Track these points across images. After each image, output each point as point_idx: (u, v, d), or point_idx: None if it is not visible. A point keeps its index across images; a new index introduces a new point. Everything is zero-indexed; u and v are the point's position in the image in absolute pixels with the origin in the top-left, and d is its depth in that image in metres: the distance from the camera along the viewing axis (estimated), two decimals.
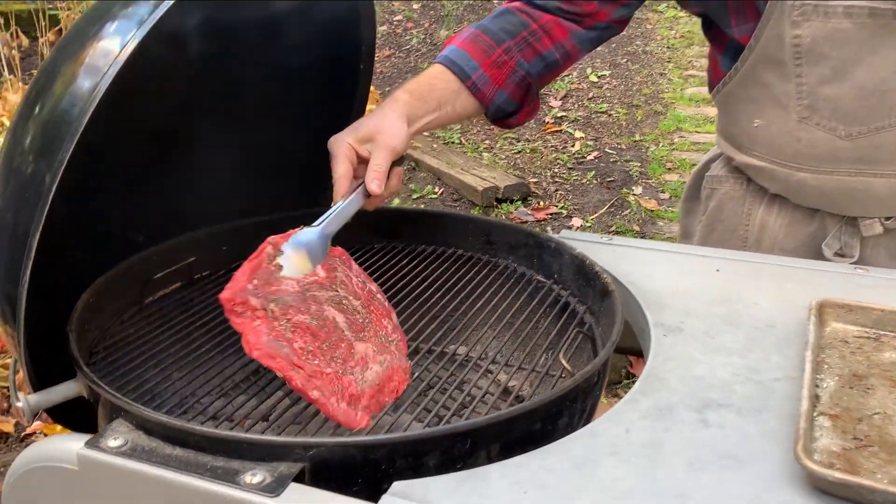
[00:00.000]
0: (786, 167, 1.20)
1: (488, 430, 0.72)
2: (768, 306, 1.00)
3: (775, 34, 1.10)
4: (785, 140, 1.17)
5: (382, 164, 1.04)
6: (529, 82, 1.23)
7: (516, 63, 1.20)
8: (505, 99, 1.22)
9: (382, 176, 1.05)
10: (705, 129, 4.65)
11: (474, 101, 1.20)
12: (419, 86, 1.16)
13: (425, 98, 1.14)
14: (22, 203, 0.77)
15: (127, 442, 0.73)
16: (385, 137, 1.05)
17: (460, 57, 1.19)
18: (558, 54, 1.23)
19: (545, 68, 1.24)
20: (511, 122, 1.27)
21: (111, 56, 0.80)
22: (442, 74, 1.19)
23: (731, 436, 0.74)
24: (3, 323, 0.85)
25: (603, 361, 0.83)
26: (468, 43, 1.20)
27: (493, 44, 1.20)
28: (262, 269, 0.91)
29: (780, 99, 1.15)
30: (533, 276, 1.15)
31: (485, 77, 1.19)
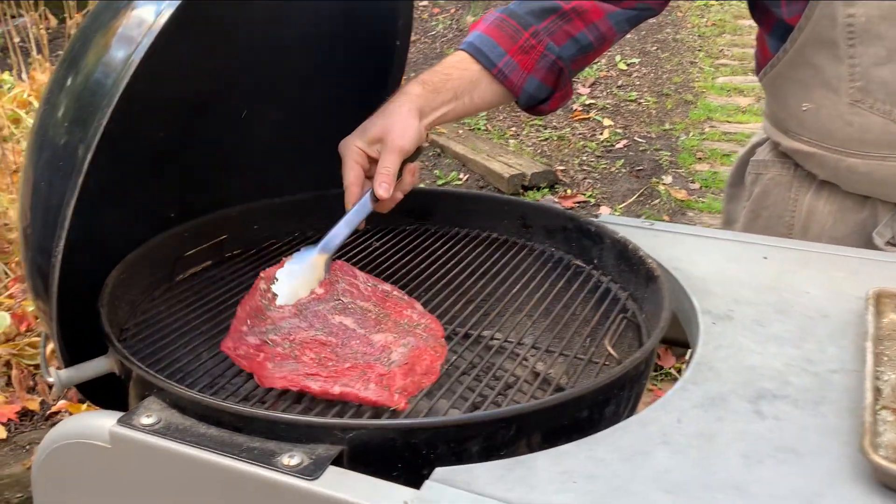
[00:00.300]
0: (835, 153, 1.15)
1: (534, 416, 0.69)
2: (819, 295, 0.96)
3: (827, 13, 1.06)
4: (835, 124, 1.13)
5: (391, 167, 1.02)
6: (561, 66, 1.17)
7: (545, 47, 1.15)
8: (536, 85, 1.17)
9: (391, 179, 1.02)
10: (736, 118, 4.57)
11: (501, 90, 1.15)
12: (433, 76, 1.11)
13: (439, 89, 1.09)
14: (56, 173, 0.75)
15: (160, 420, 0.70)
16: (394, 138, 1.02)
17: (485, 43, 1.14)
18: (592, 37, 1.17)
19: (579, 51, 1.18)
20: (543, 108, 1.22)
21: (145, 25, 0.77)
22: (460, 63, 1.14)
23: (787, 428, 0.71)
24: (35, 297, 0.83)
25: (652, 348, 0.80)
26: (493, 28, 1.15)
27: (520, 28, 1.15)
28: (256, 307, 0.90)
29: (831, 81, 1.10)
30: (571, 261, 1.12)
31: (512, 63, 1.14)
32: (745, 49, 5.68)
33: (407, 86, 1.09)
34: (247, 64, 1.08)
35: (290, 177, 1.20)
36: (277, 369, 0.80)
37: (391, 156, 1.02)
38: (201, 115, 1.08)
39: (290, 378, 0.78)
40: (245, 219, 1.16)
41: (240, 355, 0.82)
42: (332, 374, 0.80)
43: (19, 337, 2.28)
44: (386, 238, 1.22)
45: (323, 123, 1.23)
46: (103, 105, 0.75)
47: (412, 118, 1.04)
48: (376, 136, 1.03)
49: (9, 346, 2.24)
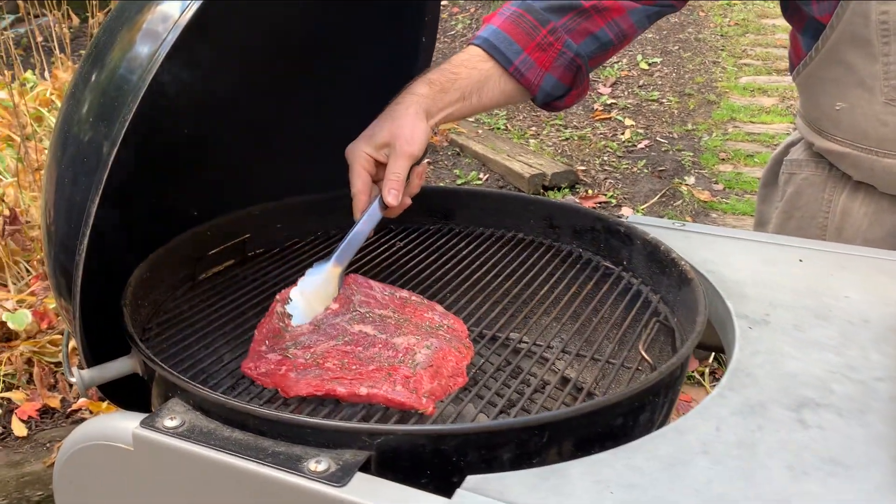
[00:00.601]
0: (871, 153, 1.12)
1: (567, 423, 0.67)
2: (860, 300, 0.92)
3: (860, 11, 1.03)
4: (870, 124, 1.10)
5: (400, 173, 0.99)
6: (579, 64, 1.14)
7: (563, 44, 1.11)
8: (553, 83, 1.13)
9: (400, 185, 1.00)
10: (760, 119, 4.51)
11: (514, 87, 1.11)
12: (441, 75, 1.07)
13: (447, 89, 1.06)
14: (80, 170, 0.74)
15: (184, 423, 0.69)
16: (402, 143, 0.99)
17: (501, 39, 1.10)
18: (612, 33, 1.14)
19: (598, 49, 1.14)
20: (558, 104, 1.19)
21: (171, 21, 0.76)
22: (470, 61, 1.09)
23: (833, 438, 0.68)
24: (58, 296, 0.82)
25: (688, 353, 0.77)
26: (509, 23, 1.11)
27: (538, 24, 1.10)
28: (273, 328, 0.90)
29: (866, 80, 1.07)
30: (600, 263, 1.10)
31: (529, 61, 1.10)
32: (769, 49, 5.61)
33: (413, 85, 1.05)
34: (272, 63, 1.07)
35: (313, 175, 1.19)
36: (301, 377, 0.78)
37: (400, 161, 0.99)
38: (226, 113, 1.07)
39: (314, 383, 0.77)
40: (268, 218, 1.15)
41: (261, 374, 0.81)
42: (357, 376, 0.79)
43: (40, 334, 2.29)
44: (409, 238, 1.20)
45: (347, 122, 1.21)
46: (128, 101, 0.73)
47: (420, 120, 1.01)
48: (384, 140, 1.00)
49: (30, 344, 2.24)
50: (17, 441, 2.05)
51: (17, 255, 2.48)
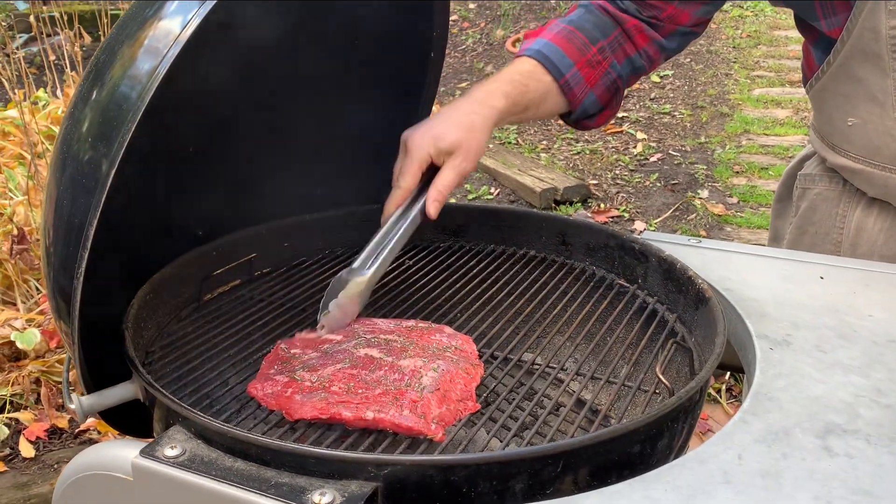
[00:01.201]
0: (885, 170, 1.09)
1: (583, 452, 0.64)
2: (884, 318, 0.89)
3: (870, 26, 1.00)
4: (883, 140, 1.07)
5: (450, 186, 0.97)
6: (619, 85, 1.16)
7: (609, 64, 1.14)
8: (593, 101, 1.15)
9: (444, 198, 0.97)
10: (774, 131, 4.47)
11: (562, 101, 1.12)
12: (515, 88, 1.07)
13: (517, 103, 1.06)
14: (79, 191, 0.72)
15: (185, 451, 0.67)
16: (464, 159, 0.97)
17: (554, 52, 1.11)
18: (643, 59, 1.17)
19: (632, 72, 1.18)
20: (588, 123, 1.20)
21: (171, 36, 0.74)
22: (534, 73, 1.10)
23: (861, 467, 0.65)
24: (58, 318, 0.80)
25: (708, 377, 0.74)
26: (561, 38, 1.12)
27: (588, 42, 1.12)
28: (280, 356, 0.88)
29: (877, 95, 1.04)
30: (614, 281, 1.07)
31: (578, 76, 1.11)
32: (782, 61, 5.58)
33: (491, 94, 1.04)
34: (278, 78, 1.06)
35: (321, 193, 1.17)
36: (307, 400, 0.76)
37: (453, 176, 0.97)
38: (231, 130, 1.05)
39: (319, 406, 0.74)
40: (275, 236, 1.13)
41: (267, 395, 0.79)
42: (363, 400, 0.76)
43: (49, 353, 2.28)
44: (420, 256, 1.17)
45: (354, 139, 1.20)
46: (128, 119, 0.71)
47: (487, 135, 1.00)
48: (451, 147, 0.98)
49: (39, 363, 2.23)
50: (25, 462, 2.03)
51: (26, 273, 2.48)
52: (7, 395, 2.17)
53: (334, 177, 1.19)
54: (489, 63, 5.84)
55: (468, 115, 1.01)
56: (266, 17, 0.96)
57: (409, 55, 1.17)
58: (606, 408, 0.80)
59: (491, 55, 5.98)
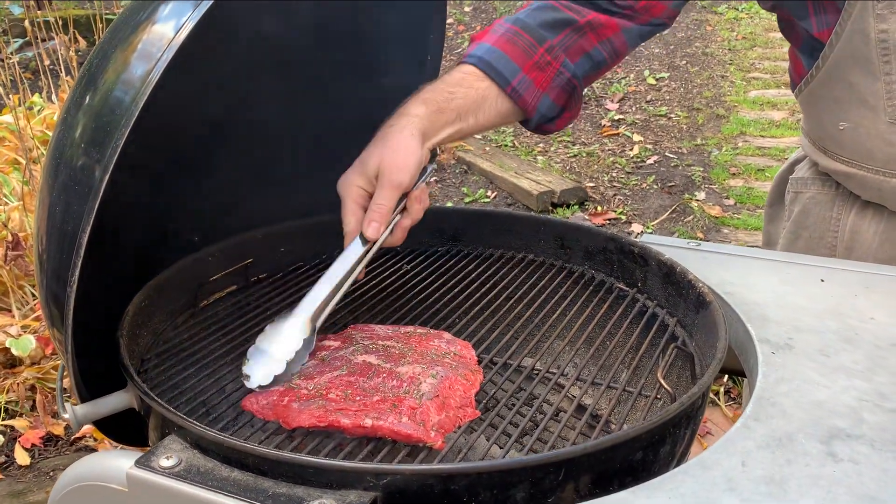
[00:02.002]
0: (878, 174, 1.08)
1: (584, 459, 0.63)
2: (887, 322, 0.89)
3: (859, 29, 1.00)
4: (875, 144, 1.06)
5: (384, 204, 0.92)
6: (575, 84, 1.09)
7: (561, 63, 1.06)
8: (549, 105, 1.08)
9: (382, 217, 0.91)
10: (770, 133, 4.48)
11: (511, 108, 1.06)
12: (437, 94, 1.01)
13: (443, 109, 0.99)
14: (72, 197, 0.71)
15: (180, 461, 0.65)
16: (391, 171, 0.92)
17: (497, 58, 1.04)
18: (605, 52, 1.09)
19: (592, 68, 1.10)
20: (549, 127, 1.13)
21: (165, 40, 0.73)
22: (466, 80, 1.03)
23: (867, 473, 0.64)
24: (51, 326, 0.79)
25: (710, 382, 0.74)
26: (505, 41, 1.05)
27: (534, 42, 1.05)
28: None
29: (868, 99, 1.04)
30: (614, 284, 1.06)
31: (526, 81, 1.04)
32: (777, 62, 5.58)
33: (407, 105, 0.99)
34: (273, 82, 1.05)
35: (317, 198, 1.16)
36: (304, 407, 0.75)
37: (386, 192, 0.92)
38: (225, 135, 1.04)
39: (317, 414, 0.73)
40: (271, 242, 1.12)
41: (263, 406, 0.78)
42: (361, 407, 0.75)
43: (45, 360, 2.26)
44: (417, 261, 1.17)
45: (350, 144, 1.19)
46: (121, 125, 0.70)
47: (413, 144, 0.94)
48: (375, 169, 0.93)
49: (34, 370, 2.22)
50: (20, 470, 2.02)
51: (21, 279, 2.46)
52: (2, 402, 2.16)
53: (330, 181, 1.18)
54: None
55: (384, 130, 0.96)
56: (261, 20, 0.95)
57: (406, 59, 1.16)
58: (607, 413, 0.79)
59: None
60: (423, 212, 0.98)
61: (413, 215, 0.97)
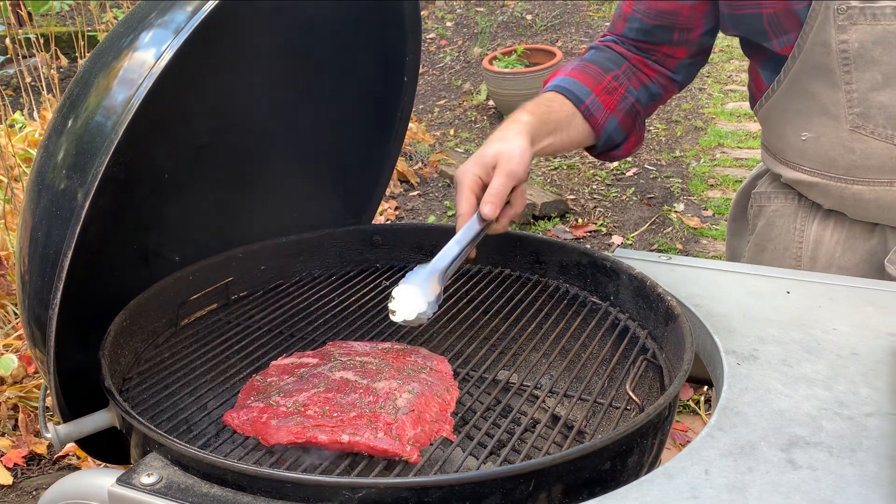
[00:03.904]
0: (839, 181, 1.12)
1: (553, 470, 0.66)
2: (848, 332, 0.92)
3: (820, 41, 1.04)
4: (837, 152, 1.10)
5: (500, 189, 1.00)
6: (638, 110, 1.22)
7: (626, 90, 1.20)
8: (615, 126, 1.20)
9: (498, 200, 1.00)
10: (747, 144, 4.54)
11: (587, 128, 1.18)
12: (538, 107, 1.13)
13: (545, 120, 1.11)
14: (54, 221, 0.73)
15: (161, 479, 0.67)
16: (505, 161, 1.01)
17: (571, 83, 1.18)
18: (658, 86, 1.24)
19: (650, 98, 1.23)
20: (616, 153, 1.25)
21: (146, 66, 0.75)
22: (555, 99, 1.16)
23: (824, 479, 0.67)
24: (33, 347, 0.80)
25: (676, 393, 0.76)
26: (576, 72, 1.20)
27: (601, 71, 1.20)
28: (256, 387, 0.89)
29: (830, 108, 1.08)
30: (587, 298, 1.09)
31: (597, 102, 1.17)
32: None
33: (516, 114, 1.11)
34: (254, 104, 1.07)
35: (297, 217, 1.18)
36: (282, 424, 0.77)
37: (501, 178, 1.01)
38: (206, 156, 1.07)
39: (294, 431, 0.75)
40: (251, 260, 1.13)
41: (243, 422, 0.80)
42: (338, 423, 0.77)
43: (27, 379, 2.26)
44: (397, 277, 1.18)
45: (330, 163, 1.21)
46: (103, 149, 0.72)
47: (525, 142, 1.04)
48: (492, 160, 1.02)
49: (16, 389, 2.21)
50: (3, 490, 2.01)
51: (3, 298, 2.46)
52: None
53: (310, 199, 1.20)
54: (467, 80, 5.89)
55: (500, 132, 1.06)
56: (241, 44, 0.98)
57: (384, 80, 1.18)
58: (580, 424, 0.82)
59: (468, 73, 6.03)
60: (523, 207, 1.06)
61: (515, 209, 1.04)
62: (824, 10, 1.01)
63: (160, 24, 0.79)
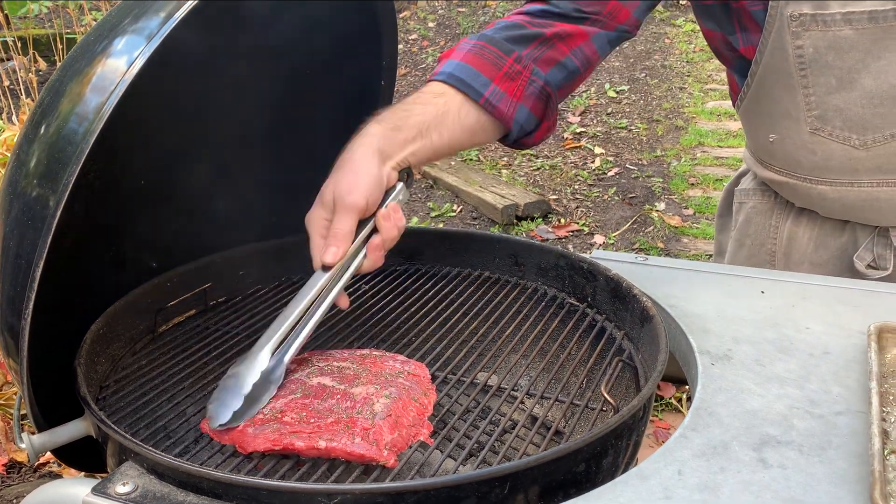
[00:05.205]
0: (805, 181, 1.15)
1: (529, 472, 0.66)
2: (821, 331, 0.93)
3: (778, 46, 1.06)
4: (801, 153, 1.13)
5: (340, 228, 0.89)
6: (549, 92, 1.08)
7: (531, 72, 1.06)
8: (526, 115, 1.07)
9: (341, 240, 0.88)
10: (728, 143, 4.58)
11: (489, 121, 1.05)
12: (393, 113, 1.00)
13: (400, 127, 0.97)
14: (25, 229, 0.73)
15: (136, 487, 0.67)
16: (342, 194, 0.89)
17: (466, 72, 1.03)
18: (578, 60, 1.10)
19: (565, 78, 1.10)
20: (527, 141, 1.12)
21: (119, 73, 0.75)
22: (423, 97, 1.02)
23: (794, 477, 0.68)
24: (6, 356, 0.80)
25: (650, 394, 0.77)
26: (472, 56, 1.05)
27: (502, 54, 1.05)
28: None
29: (791, 111, 1.10)
30: (565, 300, 1.09)
31: (499, 91, 1.03)
32: None
33: (364, 127, 0.97)
34: (230, 109, 1.07)
35: (275, 221, 1.18)
36: (259, 432, 0.77)
37: (340, 215, 0.89)
38: (182, 160, 1.06)
39: (271, 438, 0.75)
40: (229, 265, 1.13)
41: (220, 430, 0.79)
42: (315, 429, 0.77)
43: (6, 386, 2.24)
44: (375, 280, 1.19)
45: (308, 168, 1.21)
46: (75, 157, 0.72)
47: (367, 164, 0.92)
48: (331, 196, 0.91)
49: None
50: None
51: None
52: None
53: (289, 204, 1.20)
54: None
55: (344, 153, 0.95)
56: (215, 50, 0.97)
57: (361, 85, 1.19)
58: (556, 425, 0.82)
59: None
60: (396, 230, 0.94)
61: (384, 234, 0.93)
62: (780, 17, 1.03)
63: (133, 31, 0.79)
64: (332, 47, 1.12)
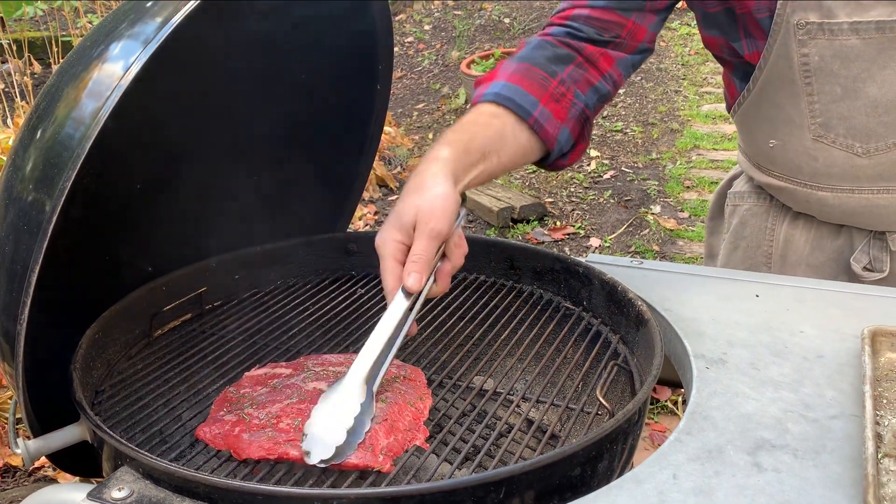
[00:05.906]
0: (805, 187, 1.15)
1: (525, 477, 0.66)
2: (815, 335, 0.93)
3: (784, 54, 1.06)
4: (802, 160, 1.13)
5: (423, 254, 0.86)
6: (587, 115, 1.11)
7: (574, 95, 1.08)
8: (567, 137, 1.08)
9: (423, 266, 0.86)
10: (723, 146, 4.59)
11: (534, 141, 1.06)
12: (460, 135, 0.99)
13: (469, 150, 0.97)
14: (21, 234, 0.73)
15: (132, 493, 0.67)
16: (425, 219, 0.87)
17: (515, 92, 1.04)
18: (609, 85, 1.13)
19: (598, 100, 1.13)
20: (562, 163, 1.13)
21: (115, 78, 0.75)
22: (482, 118, 1.03)
23: (788, 481, 0.68)
24: (2, 361, 0.80)
25: (645, 398, 0.77)
26: (519, 76, 1.06)
27: (547, 75, 1.07)
28: (229, 398, 0.88)
29: (794, 118, 1.10)
30: (560, 303, 1.10)
31: (546, 112, 1.05)
32: None
33: (434, 149, 0.96)
34: (224, 113, 1.07)
35: (272, 225, 1.18)
36: (254, 439, 0.77)
37: (424, 241, 0.86)
38: (179, 164, 1.06)
39: (266, 446, 0.75)
40: (225, 269, 1.13)
41: (215, 436, 0.79)
42: None
43: (2, 391, 2.23)
44: (371, 285, 1.19)
45: (304, 172, 1.21)
46: (71, 161, 0.72)
47: (447, 189, 0.90)
48: (411, 221, 0.88)
49: None
50: None
51: None
52: None
53: (285, 207, 1.20)
54: (445, 84, 5.90)
55: (415, 179, 0.93)
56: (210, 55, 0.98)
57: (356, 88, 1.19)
58: (551, 429, 0.83)
59: (447, 76, 6.04)
60: (463, 257, 0.92)
61: (454, 261, 0.92)
62: (786, 25, 1.04)
63: (130, 35, 0.79)
64: (328, 52, 1.12)
